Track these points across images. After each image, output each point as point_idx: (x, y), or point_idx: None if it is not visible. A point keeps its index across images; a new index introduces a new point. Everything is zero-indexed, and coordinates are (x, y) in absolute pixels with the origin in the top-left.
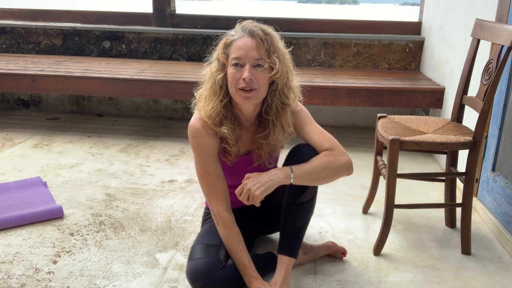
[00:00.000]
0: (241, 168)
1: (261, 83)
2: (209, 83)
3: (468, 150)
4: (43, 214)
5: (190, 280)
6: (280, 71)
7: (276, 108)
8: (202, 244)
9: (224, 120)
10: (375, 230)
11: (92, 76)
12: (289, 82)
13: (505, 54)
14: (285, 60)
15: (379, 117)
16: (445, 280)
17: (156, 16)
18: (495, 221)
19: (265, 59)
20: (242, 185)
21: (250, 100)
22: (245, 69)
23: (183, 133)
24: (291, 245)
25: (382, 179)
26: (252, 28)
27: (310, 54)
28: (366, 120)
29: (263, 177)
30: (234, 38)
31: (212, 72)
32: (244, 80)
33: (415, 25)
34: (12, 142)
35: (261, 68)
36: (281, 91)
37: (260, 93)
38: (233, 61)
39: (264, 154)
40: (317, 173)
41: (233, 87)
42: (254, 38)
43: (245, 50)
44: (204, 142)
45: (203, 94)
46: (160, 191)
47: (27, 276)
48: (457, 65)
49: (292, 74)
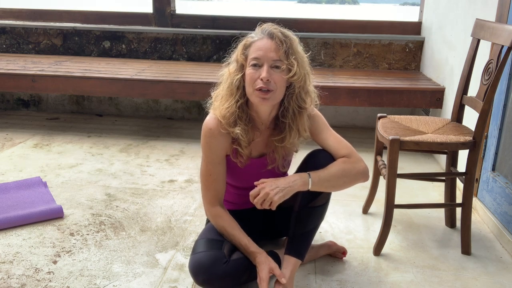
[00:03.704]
0: (254, 171)
1: (278, 85)
2: (227, 83)
3: (468, 150)
4: (43, 214)
5: (193, 274)
6: (298, 73)
7: (292, 111)
8: (205, 238)
9: (238, 121)
10: (375, 230)
11: (92, 76)
12: (306, 86)
13: (505, 54)
14: (303, 63)
15: (379, 117)
16: (445, 280)
17: (156, 16)
18: (495, 221)
19: (283, 60)
20: (258, 188)
21: (267, 101)
22: (263, 69)
23: (183, 133)
24: (299, 247)
25: (382, 179)
26: (272, 30)
27: (310, 54)
28: (366, 120)
29: (281, 182)
30: (253, 39)
31: (231, 72)
32: (262, 80)
33: (415, 25)
34: (12, 142)
35: (279, 70)
36: (298, 94)
37: (277, 95)
38: (252, 62)
39: (278, 157)
40: (335, 180)
41: (250, 87)
42: (273, 40)
43: (264, 51)
44: (213, 143)
45: (220, 94)
46: (160, 191)
47: (27, 276)
48: (457, 65)
49: (309, 78)
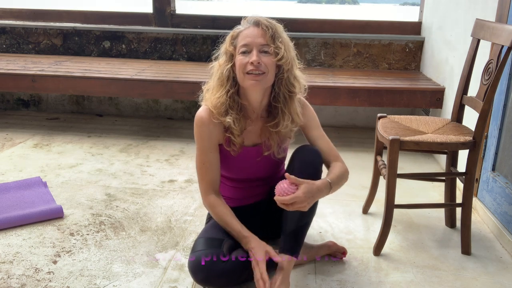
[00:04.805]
0: (248, 160)
1: (269, 68)
2: (217, 75)
3: (468, 150)
4: (43, 214)
5: (192, 272)
6: (285, 56)
7: (283, 96)
8: (205, 237)
9: (230, 110)
10: (375, 230)
11: (92, 76)
12: (294, 70)
13: (505, 54)
14: (289, 48)
15: (379, 117)
16: (445, 280)
17: (156, 16)
18: (495, 221)
19: (271, 44)
20: (294, 196)
21: (259, 84)
22: (253, 54)
23: (183, 133)
24: (292, 244)
25: (382, 179)
26: (257, 19)
27: (310, 54)
28: (366, 120)
29: (314, 195)
30: (240, 30)
31: (220, 64)
32: (252, 63)
33: (415, 25)
34: (12, 142)
35: (267, 54)
36: (287, 79)
37: (268, 78)
38: (242, 49)
39: (273, 143)
40: (339, 185)
41: (241, 73)
42: (259, 27)
43: (251, 37)
44: (205, 132)
45: (211, 86)
46: (160, 191)
47: (27, 276)
48: (457, 65)
49: (296, 63)
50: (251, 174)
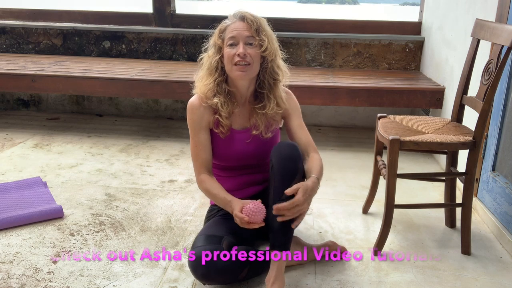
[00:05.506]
0: (238, 142)
1: (254, 59)
2: (206, 65)
3: (468, 150)
4: (43, 214)
5: (192, 268)
6: (269, 48)
7: (268, 83)
8: (205, 234)
9: (217, 94)
10: (375, 230)
11: (92, 76)
12: (277, 60)
13: (505, 54)
14: (272, 40)
15: (379, 117)
16: (445, 280)
17: (156, 16)
18: (495, 221)
19: (255, 37)
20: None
21: (246, 74)
22: (240, 46)
23: (183, 133)
24: (281, 239)
25: (382, 179)
26: (243, 13)
27: (310, 54)
28: (366, 120)
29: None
30: (227, 24)
31: (209, 56)
32: (239, 55)
33: (415, 25)
34: (12, 142)
35: (252, 46)
36: (271, 68)
37: (254, 68)
38: (229, 42)
39: (261, 123)
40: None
41: (229, 64)
42: (245, 21)
43: (238, 31)
44: (196, 114)
45: (201, 76)
46: (160, 191)
47: (27, 276)
48: (457, 65)
49: (279, 54)
50: (242, 158)
